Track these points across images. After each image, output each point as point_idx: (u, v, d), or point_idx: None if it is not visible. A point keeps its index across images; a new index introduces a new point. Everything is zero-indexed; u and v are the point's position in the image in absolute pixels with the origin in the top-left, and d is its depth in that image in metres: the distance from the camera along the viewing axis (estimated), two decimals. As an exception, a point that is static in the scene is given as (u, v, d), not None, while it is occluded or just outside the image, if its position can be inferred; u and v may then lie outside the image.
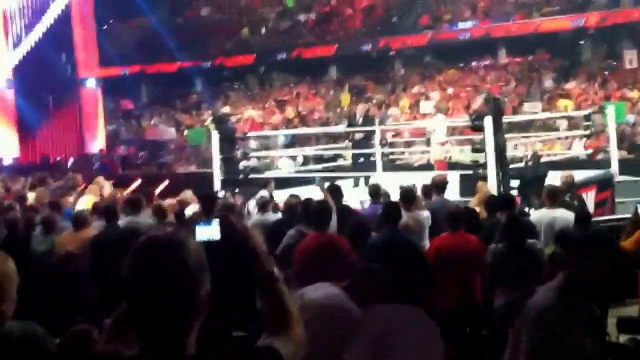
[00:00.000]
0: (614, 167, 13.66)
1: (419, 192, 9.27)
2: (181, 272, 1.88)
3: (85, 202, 11.05)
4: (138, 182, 13.44)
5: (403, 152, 18.11)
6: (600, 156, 15.51)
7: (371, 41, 27.71)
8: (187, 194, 10.10)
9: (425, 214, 8.44)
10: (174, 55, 30.15)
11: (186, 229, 2.25)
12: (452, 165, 14.14)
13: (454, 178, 12.43)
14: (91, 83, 27.99)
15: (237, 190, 12.43)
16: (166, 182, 13.00)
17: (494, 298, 6.59)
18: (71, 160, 24.88)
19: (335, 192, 9.12)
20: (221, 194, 11.14)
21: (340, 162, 17.48)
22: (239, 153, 14.26)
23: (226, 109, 20.97)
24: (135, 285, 1.89)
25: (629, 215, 8.94)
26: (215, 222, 2.27)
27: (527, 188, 10.94)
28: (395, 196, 8.99)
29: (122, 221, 8.30)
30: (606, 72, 23.08)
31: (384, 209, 7.06)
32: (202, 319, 1.94)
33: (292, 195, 9.44)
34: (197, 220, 2.54)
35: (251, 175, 14.07)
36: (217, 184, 13.27)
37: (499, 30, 25.37)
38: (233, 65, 30.68)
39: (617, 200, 12.81)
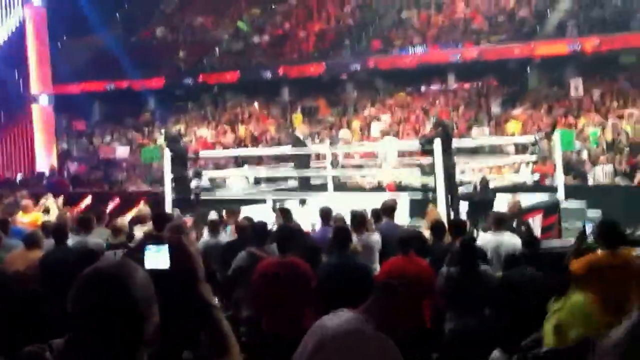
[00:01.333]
0: (560, 193, 13.91)
1: (369, 215, 9.32)
2: (128, 306, 1.85)
3: (28, 220, 10.93)
4: (88, 200, 13.34)
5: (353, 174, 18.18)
6: (547, 181, 15.80)
7: (323, 64, 27.97)
8: (144, 209, 10.02)
9: (375, 237, 8.45)
10: (127, 74, 30.02)
11: (137, 251, 2.23)
12: (403, 188, 14.24)
13: (404, 201, 12.58)
14: (44, 100, 27.66)
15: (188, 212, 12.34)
16: (117, 201, 12.93)
17: (443, 322, 6.65)
18: (20, 177, 24.51)
19: (285, 214, 9.16)
20: (175, 212, 11.08)
21: (291, 183, 17.49)
22: (190, 172, 14.21)
23: (179, 128, 20.92)
24: (81, 318, 1.86)
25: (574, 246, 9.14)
26: (165, 249, 2.22)
27: (475, 212, 11.08)
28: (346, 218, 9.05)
29: (72, 240, 8.19)
30: (552, 100, 23.59)
31: (334, 233, 7.08)
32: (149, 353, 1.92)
33: (244, 217, 9.45)
34: (147, 242, 2.48)
35: (202, 195, 14.03)
36: (168, 203, 13.20)
37: (448, 56, 25.83)
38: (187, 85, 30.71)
39: (563, 225, 13.02)
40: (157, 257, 2.22)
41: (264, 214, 10.60)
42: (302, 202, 13.90)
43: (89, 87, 31.57)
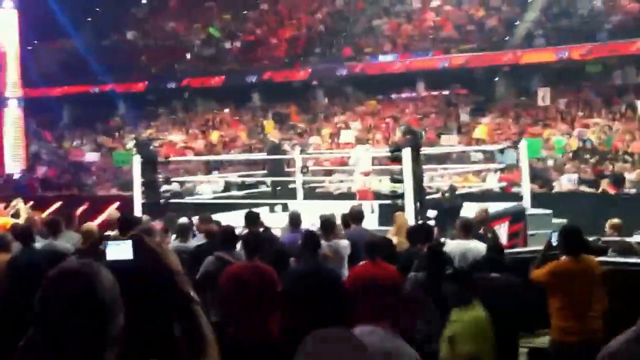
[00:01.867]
0: (526, 200, 14.08)
1: (338, 221, 9.36)
2: (93, 307, 1.84)
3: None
4: (58, 204, 13.28)
5: (324, 181, 18.26)
6: (513, 189, 15.97)
7: (294, 70, 28.13)
8: (114, 213, 9.99)
9: (344, 242, 8.45)
10: (97, 78, 29.95)
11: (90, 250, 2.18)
12: (377, 196, 14.27)
13: (374, 208, 12.66)
14: (13, 103, 27.46)
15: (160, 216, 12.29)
16: (86, 205, 12.89)
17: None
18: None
19: (253, 219, 9.18)
20: (144, 217, 11.03)
21: (262, 188, 17.52)
22: (160, 177, 14.19)
23: (150, 133, 20.87)
24: (46, 319, 1.83)
25: (540, 247, 9.25)
26: (128, 242, 2.21)
27: (444, 219, 11.15)
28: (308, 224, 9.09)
29: (40, 244, 8.16)
30: (520, 109, 23.88)
31: (304, 238, 7.12)
32: (117, 352, 1.90)
33: (213, 222, 9.47)
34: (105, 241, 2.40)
35: (172, 200, 14.02)
36: (137, 208, 13.16)
37: (418, 64, 26.09)
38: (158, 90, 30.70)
39: (529, 232, 13.20)
40: (119, 250, 2.19)
41: (235, 220, 10.57)
42: (272, 208, 13.93)
43: (60, 91, 31.40)
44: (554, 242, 6.64)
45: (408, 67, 26.44)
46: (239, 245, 7.30)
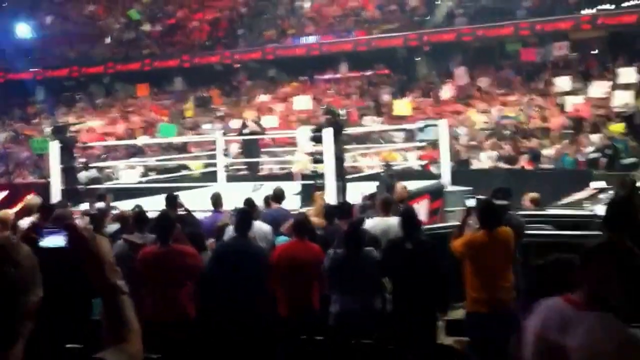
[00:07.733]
0: (445, 178, 14.28)
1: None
2: (5, 280, 1.82)
3: None
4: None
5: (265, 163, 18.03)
6: (434, 167, 16.15)
7: (216, 53, 27.92)
8: (33, 199, 9.75)
9: (266, 227, 8.47)
10: (15, 64, 29.20)
11: (22, 239, 2.15)
12: (308, 176, 14.17)
13: (295, 188, 12.67)
14: None
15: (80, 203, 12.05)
16: (4, 193, 12.54)
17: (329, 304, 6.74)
18: None
19: (171, 201, 9.11)
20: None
21: (184, 172, 17.38)
22: (79, 163, 13.92)
23: (68, 119, 20.42)
24: None
25: (459, 223, 9.39)
26: (61, 233, 2.15)
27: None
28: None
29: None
30: (440, 88, 24.13)
31: (237, 217, 7.13)
32: (30, 329, 1.88)
33: (136, 206, 9.38)
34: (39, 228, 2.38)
35: (91, 186, 13.77)
36: (55, 194, 12.88)
37: (340, 46, 26.19)
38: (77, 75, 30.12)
39: (448, 209, 13.40)
40: (53, 239, 2.15)
41: (157, 205, 10.44)
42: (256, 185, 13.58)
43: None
44: (470, 205, 6.70)
45: (330, 48, 26.56)
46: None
